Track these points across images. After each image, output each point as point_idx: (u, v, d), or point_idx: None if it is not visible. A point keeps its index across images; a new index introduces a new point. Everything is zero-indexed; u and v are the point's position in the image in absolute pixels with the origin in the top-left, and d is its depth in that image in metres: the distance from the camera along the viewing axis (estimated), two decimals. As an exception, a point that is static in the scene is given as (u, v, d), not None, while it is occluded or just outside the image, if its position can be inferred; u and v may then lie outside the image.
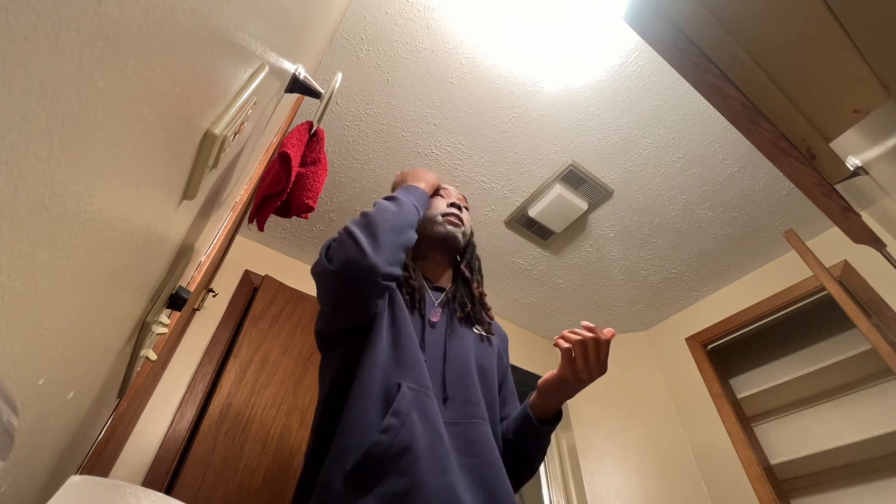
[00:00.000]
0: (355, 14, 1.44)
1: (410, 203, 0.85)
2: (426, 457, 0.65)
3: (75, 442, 0.52)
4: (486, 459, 0.72)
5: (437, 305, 0.92)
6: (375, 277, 0.71)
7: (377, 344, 0.76)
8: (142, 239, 0.35)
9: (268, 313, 1.94)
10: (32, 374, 0.26)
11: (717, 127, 1.69)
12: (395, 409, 0.67)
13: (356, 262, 0.71)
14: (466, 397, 0.79)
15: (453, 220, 0.98)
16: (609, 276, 2.39)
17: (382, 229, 0.75)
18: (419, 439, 0.66)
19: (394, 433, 0.65)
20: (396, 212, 0.80)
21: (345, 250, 0.72)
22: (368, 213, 0.78)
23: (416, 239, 0.82)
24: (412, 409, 0.69)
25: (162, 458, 1.51)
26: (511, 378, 1.00)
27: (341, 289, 0.74)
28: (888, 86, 0.67)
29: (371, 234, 0.74)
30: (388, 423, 0.66)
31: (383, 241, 0.74)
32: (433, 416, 0.71)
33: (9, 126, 0.15)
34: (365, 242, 0.72)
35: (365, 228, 0.75)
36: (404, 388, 0.71)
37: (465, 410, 0.77)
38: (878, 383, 1.91)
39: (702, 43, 0.69)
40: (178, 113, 0.30)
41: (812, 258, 1.35)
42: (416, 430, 0.66)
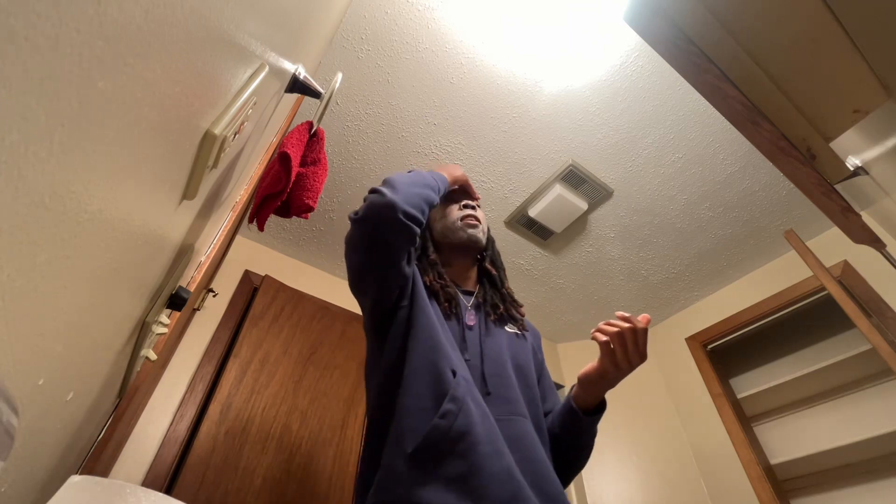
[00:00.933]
0: (355, 14, 1.44)
1: (429, 174, 0.88)
2: (484, 441, 0.66)
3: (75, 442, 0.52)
4: (530, 455, 0.73)
5: (469, 308, 0.93)
6: (395, 213, 0.75)
7: (425, 333, 0.79)
8: (142, 239, 0.35)
9: (268, 313, 1.94)
10: (32, 374, 0.26)
11: (717, 127, 1.69)
12: (453, 394, 0.69)
13: (377, 203, 0.76)
14: (505, 395, 0.80)
15: (471, 221, 0.99)
16: (609, 276, 2.39)
17: (400, 182, 0.80)
18: (476, 425, 0.67)
19: (452, 418, 0.67)
20: (413, 175, 0.85)
21: (369, 201, 0.78)
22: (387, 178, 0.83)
23: (435, 202, 0.85)
24: (467, 396, 0.71)
25: (162, 458, 1.51)
26: (548, 373, 1.01)
27: (366, 233, 0.78)
28: (888, 86, 0.67)
29: (390, 184, 0.79)
30: (446, 408, 0.68)
31: (401, 188, 0.79)
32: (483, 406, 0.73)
33: (9, 126, 0.15)
34: (385, 189, 0.78)
35: (385, 183, 0.81)
36: (459, 376, 0.73)
37: (506, 408, 0.78)
38: (878, 383, 1.91)
39: (702, 43, 0.69)
40: (178, 113, 0.30)
41: (812, 258, 1.35)
42: (472, 416, 0.68)
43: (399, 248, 0.79)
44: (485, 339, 0.87)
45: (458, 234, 0.98)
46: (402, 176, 0.83)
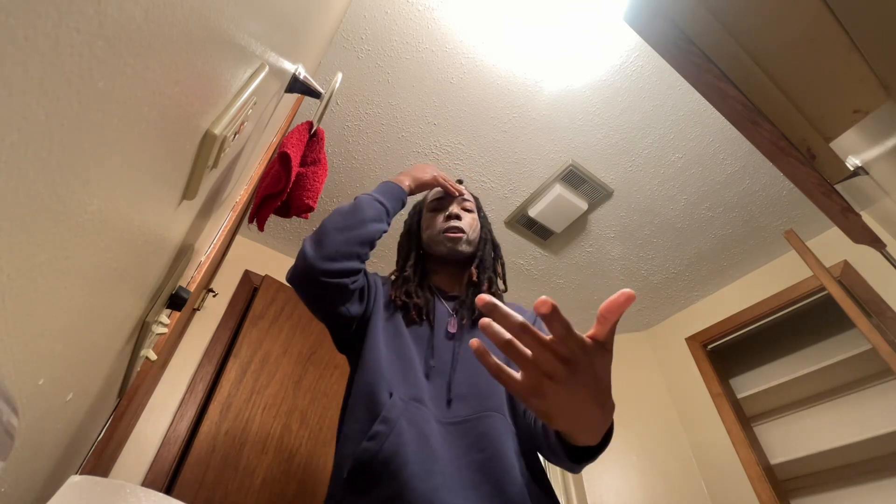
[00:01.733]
0: (355, 14, 1.44)
1: (370, 199, 0.87)
2: (413, 461, 0.65)
3: (75, 442, 0.52)
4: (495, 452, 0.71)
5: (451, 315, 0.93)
6: (314, 275, 0.77)
7: (370, 358, 0.80)
8: (142, 239, 0.35)
9: (268, 313, 1.94)
10: (32, 374, 0.26)
11: (717, 127, 1.69)
12: (384, 416, 0.70)
13: (298, 269, 0.79)
14: (478, 394, 0.79)
15: (452, 235, 0.98)
16: (609, 276, 2.39)
17: (327, 231, 0.80)
18: (407, 444, 0.67)
19: (382, 439, 0.67)
20: (347, 212, 0.84)
21: (296, 262, 0.80)
22: (322, 222, 0.84)
23: (381, 230, 0.86)
24: (401, 417, 0.70)
25: (162, 458, 1.51)
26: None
27: (300, 295, 0.81)
28: (888, 86, 0.67)
29: (316, 240, 0.80)
30: (375, 430, 0.68)
31: (325, 241, 0.79)
32: (423, 423, 0.71)
33: (9, 126, 0.15)
34: (307, 248, 0.79)
35: (314, 236, 0.81)
36: (395, 397, 0.73)
37: (476, 406, 0.77)
38: (878, 383, 1.91)
39: (702, 43, 0.69)
40: (178, 113, 0.30)
41: (812, 258, 1.35)
42: (404, 437, 0.68)
43: (334, 301, 0.81)
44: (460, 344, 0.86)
45: (439, 248, 0.99)
46: (333, 218, 0.83)
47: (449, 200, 1.04)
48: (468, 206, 1.05)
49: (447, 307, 0.94)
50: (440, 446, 0.70)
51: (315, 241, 0.80)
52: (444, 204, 1.04)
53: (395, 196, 0.93)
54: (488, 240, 1.05)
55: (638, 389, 2.54)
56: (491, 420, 0.75)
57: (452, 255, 0.98)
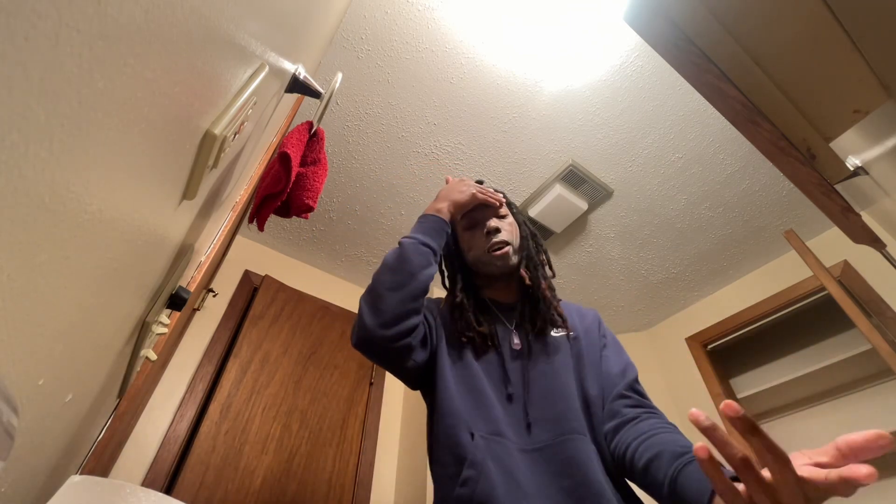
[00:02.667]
0: (355, 14, 1.44)
1: (415, 245, 0.83)
2: (504, 502, 0.67)
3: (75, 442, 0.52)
4: (584, 477, 0.70)
5: (513, 329, 0.90)
6: (381, 344, 0.76)
7: (444, 399, 0.80)
8: (142, 239, 0.35)
9: (268, 313, 1.94)
10: (32, 374, 0.26)
11: (717, 127, 1.69)
12: (471, 460, 0.71)
13: (362, 337, 0.77)
14: (556, 415, 0.77)
15: (498, 251, 0.91)
16: (609, 276, 2.39)
17: (381, 293, 0.78)
18: (497, 487, 0.68)
19: (473, 485, 0.69)
20: (395, 266, 0.81)
21: (356, 326, 0.79)
22: (374, 276, 0.82)
23: (432, 275, 0.82)
24: (487, 458, 0.71)
25: (162, 458, 1.50)
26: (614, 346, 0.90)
27: (368, 357, 0.81)
28: (888, 86, 0.67)
29: (371, 303, 0.78)
30: (466, 476, 0.70)
31: (382, 306, 0.77)
32: (507, 460, 0.72)
33: (9, 126, 0.15)
34: (366, 314, 0.77)
35: (368, 296, 0.80)
36: (477, 437, 0.73)
37: (556, 429, 0.75)
38: (878, 383, 1.91)
39: (702, 43, 0.69)
40: (178, 113, 0.30)
41: (812, 258, 1.35)
42: (492, 479, 0.69)
43: (403, 359, 0.80)
44: (530, 362, 0.84)
45: (489, 268, 0.93)
46: (384, 275, 0.80)
47: (482, 212, 0.95)
48: (502, 213, 0.97)
49: (506, 322, 0.91)
50: (526, 478, 0.70)
51: (371, 305, 0.78)
52: (478, 217, 0.96)
53: (438, 231, 0.87)
54: (528, 235, 0.99)
55: (638, 389, 2.54)
56: (574, 443, 0.73)
57: (505, 271, 0.93)
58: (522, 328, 0.89)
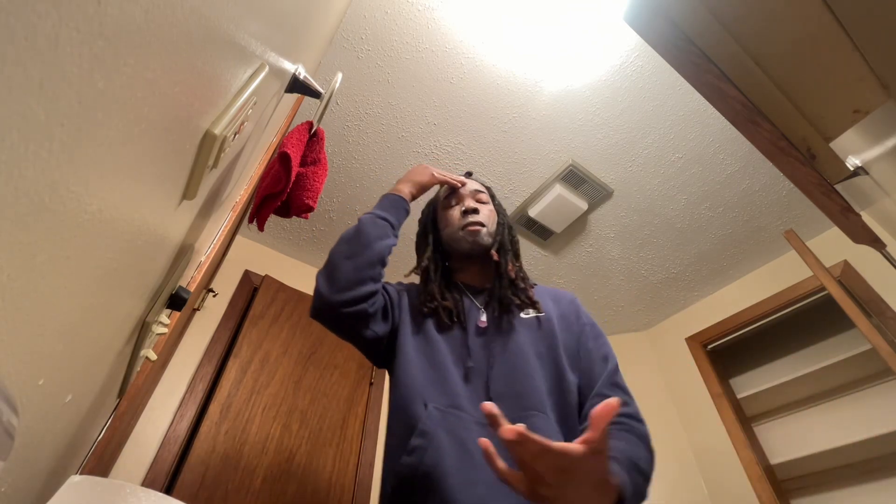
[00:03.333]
0: (355, 14, 1.44)
1: (371, 218, 0.87)
2: (453, 473, 0.65)
3: (75, 442, 0.52)
4: None
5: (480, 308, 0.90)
6: (334, 310, 0.78)
7: (402, 371, 0.80)
8: (142, 239, 0.35)
9: (268, 313, 1.94)
10: (32, 374, 0.26)
11: (717, 127, 1.69)
12: (421, 429, 0.69)
13: (316, 306, 0.80)
14: (517, 392, 0.76)
15: (472, 229, 0.94)
16: (609, 276, 2.39)
17: (335, 262, 0.81)
18: (446, 457, 0.66)
19: (420, 454, 0.67)
20: (351, 237, 0.85)
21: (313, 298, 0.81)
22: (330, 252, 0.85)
23: (390, 245, 0.86)
24: (439, 428, 0.69)
25: (162, 458, 1.50)
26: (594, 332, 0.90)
27: (324, 325, 0.82)
28: (888, 86, 0.67)
29: (327, 273, 0.81)
30: (413, 444, 0.68)
31: (336, 274, 0.80)
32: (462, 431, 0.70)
33: (9, 126, 0.15)
34: (321, 284, 0.80)
35: (324, 268, 0.82)
36: (431, 408, 0.72)
37: (517, 405, 0.74)
38: (878, 383, 1.91)
39: (702, 43, 0.69)
40: (178, 113, 0.30)
41: (812, 258, 1.35)
42: (442, 448, 0.67)
43: (357, 327, 0.81)
44: (495, 340, 0.84)
45: (461, 245, 0.96)
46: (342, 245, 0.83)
47: (461, 195, 1.00)
48: (482, 198, 1.01)
49: (476, 303, 0.91)
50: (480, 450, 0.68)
51: (326, 275, 0.81)
52: (458, 198, 1.01)
53: (396, 207, 0.92)
54: (505, 225, 1.02)
55: (638, 389, 2.52)
56: (534, 419, 0.73)
57: (476, 250, 0.95)
58: (490, 307, 0.90)
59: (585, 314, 0.94)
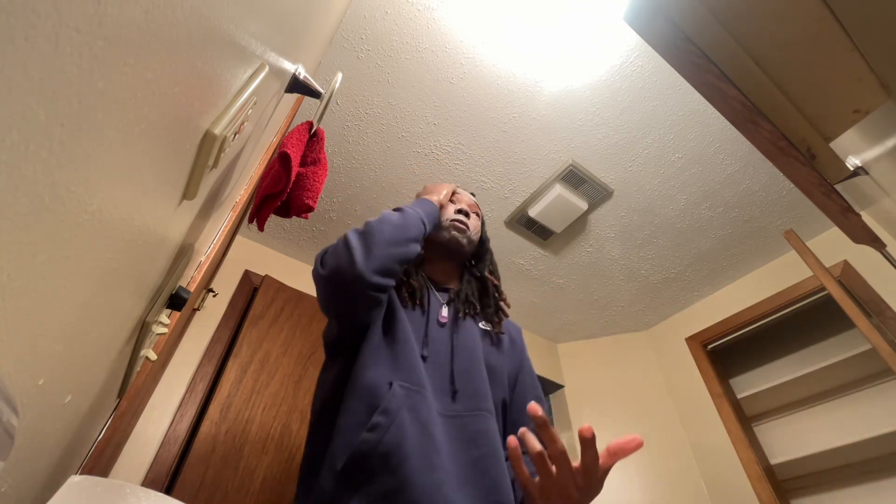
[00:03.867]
0: (355, 14, 1.44)
1: (417, 216, 0.84)
2: (415, 455, 0.63)
3: (75, 442, 0.52)
4: (491, 450, 0.72)
5: (443, 304, 0.92)
6: (362, 286, 0.72)
7: (370, 346, 0.77)
8: (142, 239, 0.35)
9: (268, 313, 1.94)
10: (32, 374, 0.26)
11: (717, 127, 1.69)
12: (385, 407, 0.67)
13: (344, 270, 0.73)
14: (474, 389, 0.79)
15: (459, 225, 0.99)
16: (609, 276, 2.39)
17: (378, 241, 0.76)
18: (408, 438, 0.65)
19: (382, 431, 0.64)
20: (398, 224, 0.80)
21: (337, 257, 0.75)
22: (370, 223, 0.79)
23: (417, 252, 0.83)
24: (402, 408, 0.68)
25: (162, 458, 1.50)
26: (531, 371, 0.96)
27: (330, 294, 0.76)
28: (888, 86, 0.67)
29: (365, 244, 0.75)
30: (375, 421, 0.65)
31: (377, 252, 0.75)
32: (425, 413, 0.70)
33: (9, 126, 0.15)
34: (357, 251, 0.73)
35: (362, 237, 0.76)
36: (395, 386, 0.70)
37: (472, 402, 0.77)
38: (878, 383, 1.91)
39: (702, 43, 0.69)
40: (178, 113, 0.30)
41: (812, 258, 1.35)
42: (405, 429, 0.65)
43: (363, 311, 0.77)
44: (455, 335, 0.86)
45: (442, 234, 0.98)
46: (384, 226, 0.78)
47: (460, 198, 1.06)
48: (477, 213, 1.07)
49: (438, 297, 0.94)
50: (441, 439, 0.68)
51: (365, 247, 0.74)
52: (455, 199, 1.06)
53: (433, 219, 0.91)
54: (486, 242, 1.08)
55: (638, 389, 2.54)
56: (486, 419, 0.76)
57: (452, 244, 0.98)
58: (454, 305, 0.92)
59: (526, 350, 1.01)
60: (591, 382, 2.67)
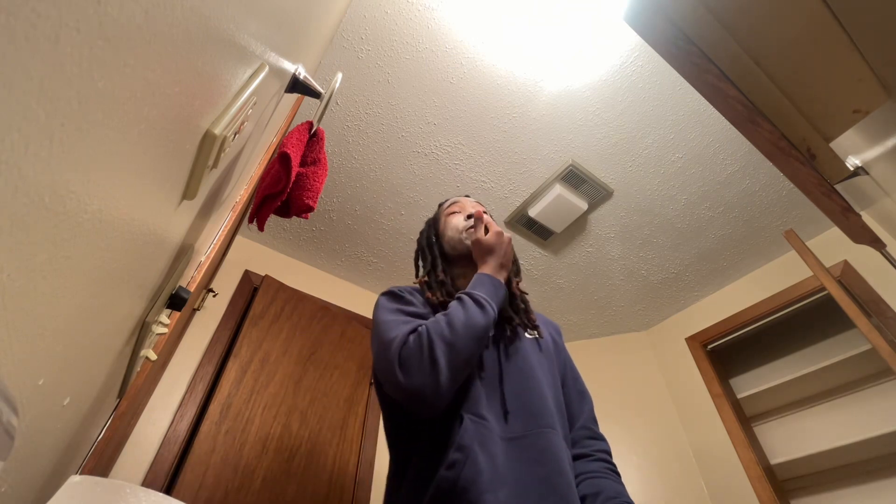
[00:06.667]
0: (355, 14, 1.44)
1: (493, 311, 0.79)
2: (488, 490, 0.66)
3: (75, 442, 0.52)
4: (557, 467, 0.72)
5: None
6: (441, 403, 0.70)
7: None
8: (142, 239, 0.35)
9: (268, 313, 1.94)
10: (32, 375, 0.26)
11: (717, 127, 1.69)
12: (459, 443, 0.69)
13: (428, 392, 0.68)
14: (530, 409, 0.78)
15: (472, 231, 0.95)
16: (609, 276, 2.39)
17: (463, 358, 0.72)
18: (482, 472, 0.67)
19: (459, 468, 0.67)
20: (481, 336, 0.75)
21: (422, 374, 0.69)
22: (456, 333, 0.72)
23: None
24: (474, 442, 0.70)
25: (162, 458, 1.50)
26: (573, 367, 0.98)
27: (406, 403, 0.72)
28: (888, 86, 0.67)
29: (451, 365, 0.70)
30: (452, 458, 0.68)
31: (460, 372, 0.72)
32: (491, 443, 0.71)
33: (9, 126, 0.15)
34: (444, 374, 0.69)
35: (448, 354, 0.70)
36: (466, 420, 0.72)
37: (532, 422, 0.76)
38: (878, 383, 1.91)
39: (702, 43, 0.69)
40: (178, 113, 0.30)
41: (812, 258, 1.35)
42: (478, 463, 0.68)
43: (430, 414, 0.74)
44: (504, 353, 0.85)
45: (461, 246, 0.97)
46: (470, 342, 0.72)
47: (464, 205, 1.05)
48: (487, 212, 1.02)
49: None
50: (506, 465, 0.70)
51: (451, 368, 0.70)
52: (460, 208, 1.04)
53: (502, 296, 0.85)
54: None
55: (638, 389, 2.54)
56: (549, 436, 0.75)
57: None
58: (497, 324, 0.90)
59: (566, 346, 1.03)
60: (590, 382, 2.66)
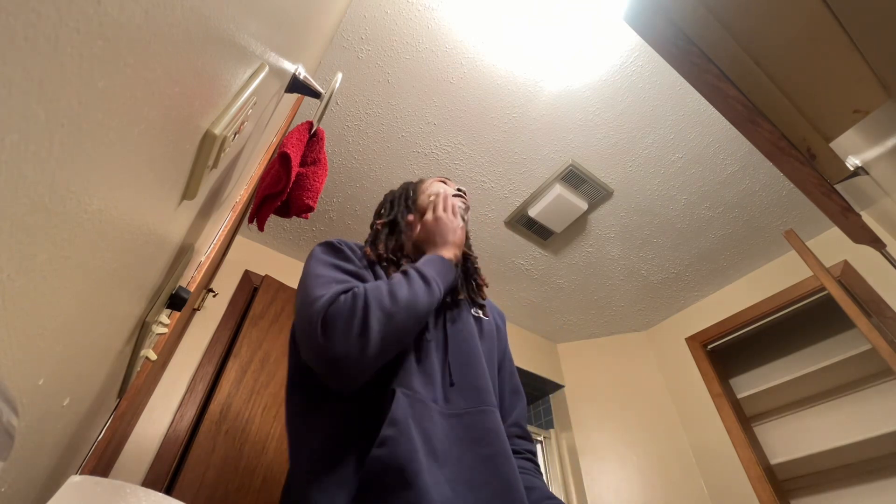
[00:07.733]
0: (355, 14, 1.44)
1: (439, 293, 0.74)
2: (426, 468, 0.59)
3: (75, 442, 0.52)
4: (501, 449, 0.68)
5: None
6: (363, 373, 0.63)
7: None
8: (142, 239, 0.35)
9: (268, 313, 1.94)
10: (32, 374, 0.26)
11: (717, 127, 1.69)
12: (392, 417, 0.61)
13: (352, 359, 0.61)
14: (474, 384, 0.73)
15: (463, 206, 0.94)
16: (609, 276, 2.39)
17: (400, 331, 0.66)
18: (419, 449, 0.60)
19: (393, 445, 0.59)
20: (421, 317, 0.69)
21: (346, 340, 0.61)
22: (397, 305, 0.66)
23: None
24: (409, 417, 0.63)
25: (162, 458, 1.50)
26: (511, 360, 0.94)
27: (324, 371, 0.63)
28: (888, 86, 0.67)
29: (384, 338, 0.63)
30: (385, 435, 0.59)
31: (393, 345, 0.65)
32: (427, 420, 0.65)
33: (9, 126, 0.15)
34: (373, 342, 0.62)
35: (385, 326, 0.64)
36: (399, 393, 0.64)
37: (476, 397, 0.72)
38: (878, 383, 1.91)
39: (702, 43, 0.69)
40: (178, 113, 0.30)
41: (812, 258, 1.35)
42: (414, 440, 0.60)
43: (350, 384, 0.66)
44: (449, 322, 0.80)
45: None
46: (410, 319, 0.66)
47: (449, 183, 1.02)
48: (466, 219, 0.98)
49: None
50: (446, 444, 0.64)
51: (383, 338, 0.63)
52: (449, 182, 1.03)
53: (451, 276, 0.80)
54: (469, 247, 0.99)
55: (638, 389, 2.54)
56: (493, 415, 0.71)
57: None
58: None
59: (506, 335, 0.98)
60: (591, 382, 2.67)
